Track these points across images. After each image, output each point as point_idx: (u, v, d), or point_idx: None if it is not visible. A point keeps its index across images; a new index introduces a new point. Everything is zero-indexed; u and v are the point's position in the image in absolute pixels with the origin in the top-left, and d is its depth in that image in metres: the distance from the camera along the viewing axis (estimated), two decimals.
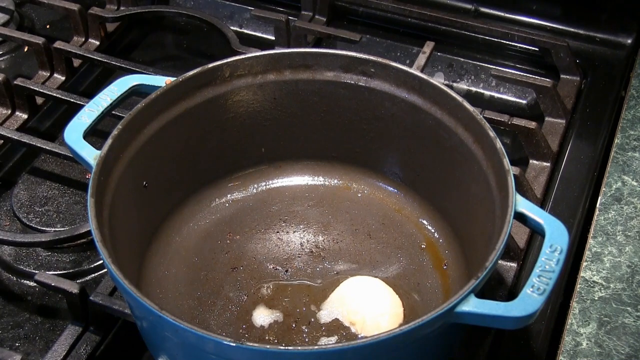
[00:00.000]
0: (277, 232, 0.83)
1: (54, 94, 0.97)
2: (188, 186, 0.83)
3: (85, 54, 1.03)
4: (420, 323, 0.58)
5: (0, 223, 0.89)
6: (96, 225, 0.65)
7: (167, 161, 0.79)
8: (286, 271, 0.79)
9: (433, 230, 0.82)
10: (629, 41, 1.06)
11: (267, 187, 0.87)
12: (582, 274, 0.75)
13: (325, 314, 0.75)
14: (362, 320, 0.74)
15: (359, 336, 0.73)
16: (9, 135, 0.92)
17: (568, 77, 1.02)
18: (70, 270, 0.84)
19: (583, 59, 1.05)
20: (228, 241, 0.82)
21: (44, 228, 0.87)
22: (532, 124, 0.90)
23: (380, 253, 0.81)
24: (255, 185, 0.87)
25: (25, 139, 0.91)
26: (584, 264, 0.76)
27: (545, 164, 0.91)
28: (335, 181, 0.87)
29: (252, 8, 1.09)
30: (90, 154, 0.71)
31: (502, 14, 1.10)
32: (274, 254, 0.81)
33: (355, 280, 0.78)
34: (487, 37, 1.07)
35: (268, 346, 0.60)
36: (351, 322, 0.74)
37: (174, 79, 0.78)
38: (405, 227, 0.83)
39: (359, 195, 0.86)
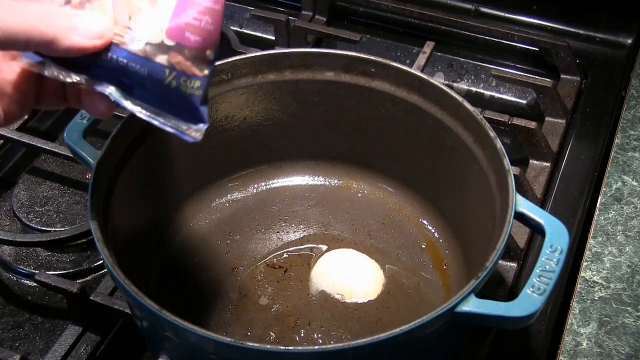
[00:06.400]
0: (277, 232, 0.83)
1: None
2: (188, 186, 0.83)
3: None
4: (420, 323, 0.58)
5: (0, 223, 0.89)
6: (96, 225, 0.65)
7: (167, 161, 0.79)
8: (285, 271, 0.79)
9: (433, 230, 0.82)
10: (629, 41, 1.06)
11: (267, 187, 0.87)
12: (582, 274, 0.75)
13: (314, 289, 0.77)
14: (349, 289, 0.76)
15: (346, 301, 0.76)
16: (9, 135, 0.92)
17: (568, 77, 1.02)
18: (70, 270, 0.84)
19: (583, 59, 1.04)
20: (228, 241, 0.82)
21: (44, 228, 0.86)
22: (532, 124, 0.90)
23: (380, 253, 0.81)
24: (255, 185, 0.87)
25: (25, 139, 0.91)
26: (584, 264, 0.76)
27: (545, 164, 0.91)
28: (335, 181, 0.87)
29: (252, 8, 1.09)
30: (90, 154, 0.71)
31: (502, 14, 1.10)
32: (274, 253, 0.81)
33: (331, 254, 0.79)
34: (487, 37, 1.07)
35: (268, 346, 0.60)
36: (339, 293, 0.76)
37: None
38: (405, 227, 0.83)
39: (359, 195, 0.86)
